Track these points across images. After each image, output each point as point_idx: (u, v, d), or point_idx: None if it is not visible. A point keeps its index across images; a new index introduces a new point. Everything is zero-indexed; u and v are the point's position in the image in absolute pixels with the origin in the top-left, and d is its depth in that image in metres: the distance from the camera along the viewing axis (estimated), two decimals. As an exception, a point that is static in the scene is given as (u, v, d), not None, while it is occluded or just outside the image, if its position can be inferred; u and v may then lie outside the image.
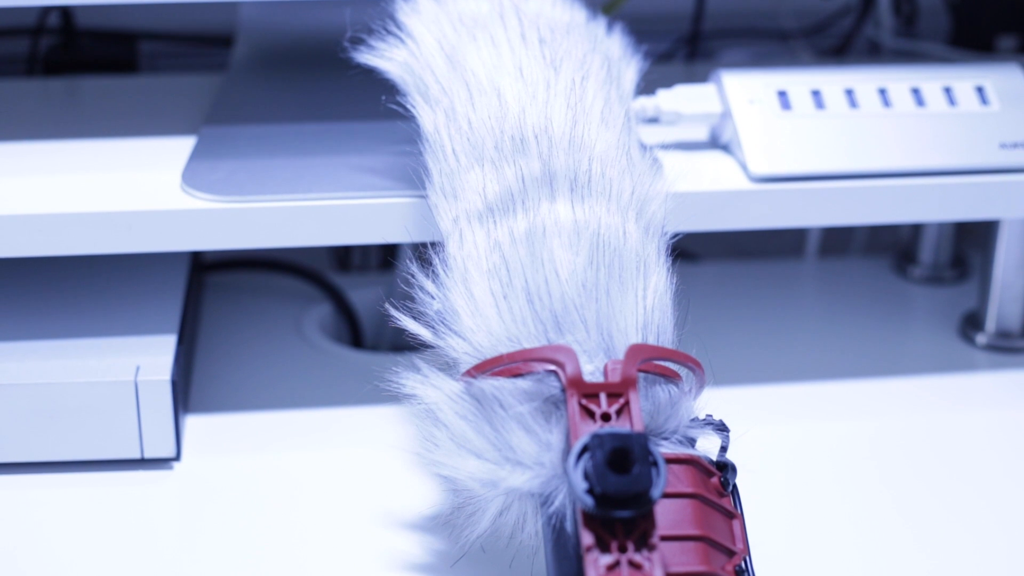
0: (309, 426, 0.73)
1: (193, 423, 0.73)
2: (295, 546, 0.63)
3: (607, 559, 0.50)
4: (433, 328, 0.59)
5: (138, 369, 0.68)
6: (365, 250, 0.96)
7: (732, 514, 0.56)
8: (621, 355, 0.55)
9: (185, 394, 0.73)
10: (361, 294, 0.89)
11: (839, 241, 0.98)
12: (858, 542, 0.64)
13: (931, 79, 0.76)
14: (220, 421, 0.73)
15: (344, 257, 0.96)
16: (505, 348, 0.56)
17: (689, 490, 0.54)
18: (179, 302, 0.74)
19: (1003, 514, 0.66)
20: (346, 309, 0.88)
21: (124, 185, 0.70)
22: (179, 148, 0.75)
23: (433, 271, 0.60)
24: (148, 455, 0.68)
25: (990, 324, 0.82)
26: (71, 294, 0.75)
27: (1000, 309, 0.81)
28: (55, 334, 0.71)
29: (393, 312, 0.60)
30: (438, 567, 0.61)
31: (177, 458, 0.69)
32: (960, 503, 0.67)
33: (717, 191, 0.71)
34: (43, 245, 0.68)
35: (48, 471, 0.68)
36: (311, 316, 0.85)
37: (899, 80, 0.75)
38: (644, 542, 0.50)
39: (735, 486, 0.57)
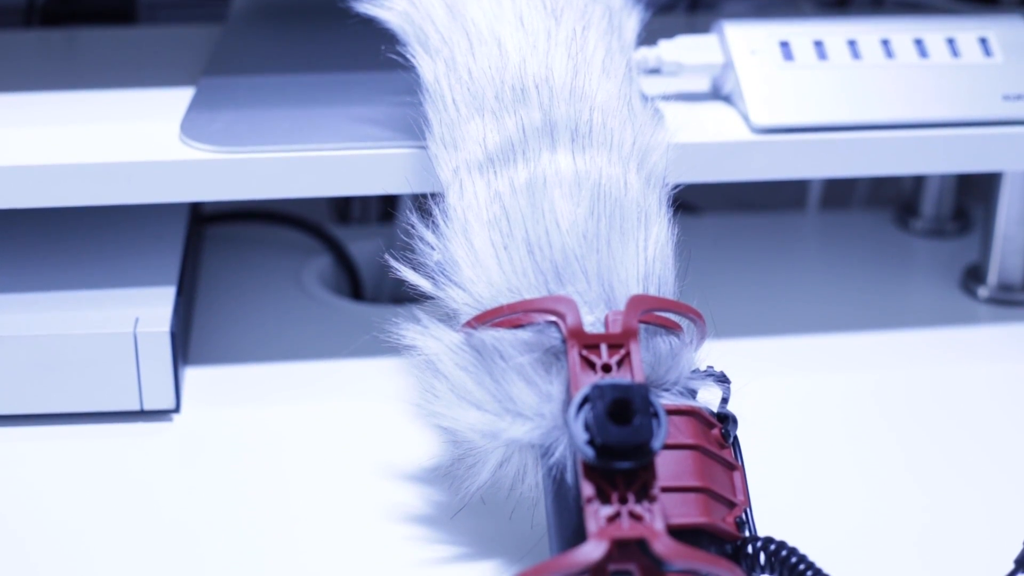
0: (308, 378, 0.73)
1: (192, 375, 0.73)
2: (294, 497, 0.63)
3: (608, 510, 0.50)
4: (433, 279, 0.59)
5: (137, 321, 0.68)
6: (365, 201, 0.96)
7: (733, 466, 0.56)
8: (622, 306, 0.55)
9: (184, 346, 0.73)
10: (361, 246, 0.88)
11: (841, 193, 0.97)
12: (859, 494, 0.64)
13: (934, 30, 0.75)
14: (220, 373, 0.73)
15: (344, 208, 0.96)
16: (505, 299, 0.56)
17: (690, 441, 0.53)
18: (178, 254, 0.74)
19: (1005, 466, 0.66)
20: (346, 261, 0.87)
21: (123, 136, 0.70)
22: (178, 99, 0.74)
23: (433, 222, 0.60)
24: (147, 407, 0.68)
25: (992, 277, 0.82)
26: (70, 246, 0.75)
27: (1002, 262, 0.81)
28: (54, 286, 0.71)
29: (393, 263, 0.60)
30: (438, 518, 0.61)
31: (176, 410, 0.69)
32: (961, 455, 0.67)
33: (719, 142, 0.71)
34: (41, 196, 0.67)
35: (47, 423, 0.68)
36: (311, 268, 0.85)
37: (902, 31, 0.75)
38: (645, 493, 0.50)
39: (736, 438, 0.57)
